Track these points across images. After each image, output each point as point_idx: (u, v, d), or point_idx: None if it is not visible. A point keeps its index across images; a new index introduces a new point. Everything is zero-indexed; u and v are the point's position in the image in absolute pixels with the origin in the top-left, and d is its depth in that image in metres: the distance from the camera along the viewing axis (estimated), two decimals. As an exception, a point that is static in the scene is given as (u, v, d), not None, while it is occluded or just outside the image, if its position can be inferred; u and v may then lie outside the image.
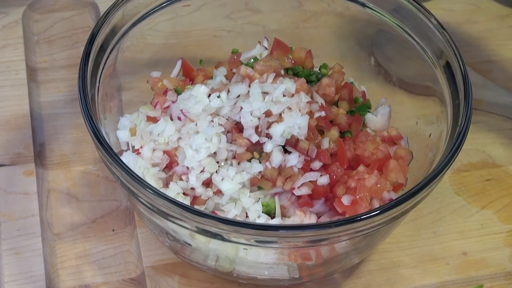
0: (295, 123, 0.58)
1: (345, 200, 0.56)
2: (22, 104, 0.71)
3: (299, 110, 0.59)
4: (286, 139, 0.58)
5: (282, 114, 0.59)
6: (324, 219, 0.58)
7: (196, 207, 0.57)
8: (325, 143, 0.59)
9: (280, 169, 0.58)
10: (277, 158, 0.57)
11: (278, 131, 0.58)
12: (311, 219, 0.58)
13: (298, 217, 0.58)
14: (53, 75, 0.74)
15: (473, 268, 0.63)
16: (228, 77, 0.64)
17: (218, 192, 0.58)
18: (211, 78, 0.65)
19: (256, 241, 0.50)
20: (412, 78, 0.65)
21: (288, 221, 0.58)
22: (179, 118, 0.61)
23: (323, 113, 0.59)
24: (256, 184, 0.58)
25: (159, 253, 0.62)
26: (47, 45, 0.77)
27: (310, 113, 0.59)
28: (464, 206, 0.67)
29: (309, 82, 0.63)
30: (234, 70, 0.64)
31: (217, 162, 0.58)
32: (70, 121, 0.70)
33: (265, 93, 0.60)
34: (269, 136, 0.58)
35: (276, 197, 0.58)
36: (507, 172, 0.70)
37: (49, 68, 0.75)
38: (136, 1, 0.61)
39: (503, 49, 0.81)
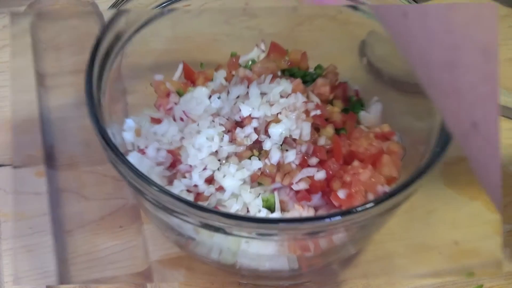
0: (293, 126, 0.58)
1: (341, 194, 0.57)
2: (32, 108, 0.71)
3: (296, 110, 0.60)
4: (284, 137, 0.59)
5: (280, 115, 0.59)
6: (322, 212, 0.59)
7: (199, 203, 0.58)
8: (321, 140, 0.60)
9: (279, 166, 0.58)
10: (275, 155, 0.58)
11: (277, 132, 0.58)
12: (309, 213, 0.58)
13: (297, 211, 0.58)
14: (61, 81, 0.74)
15: (465, 257, 0.63)
16: (228, 79, 0.65)
17: (220, 189, 0.58)
18: (212, 80, 0.66)
19: (257, 234, 0.50)
20: (403, 76, 0.64)
21: (288, 215, 0.58)
22: (181, 119, 0.62)
23: (318, 112, 0.60)
24: (256, 180, 0.59)
25: (165, 248, 0.62)
26: (55, 52, 0.76)
27: (306, 112, 0.60)
28: (455, 198, 0.67)
29: (304, 82, 0.64)
30: (233, 72, 0.65)
31: (219, 160, 0.59)
32: (78, 124, 0.70)
33: (263, 94, 0.61)
34: (267, 134, 0.59)
35: (276, 192, 0.59)
36: (507, 172, 0.69)
37: (57, 74, 0.74)
38: (139, 9, 0.61)
39: (503, 49, 0.79)
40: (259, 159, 0.59)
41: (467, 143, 0.32)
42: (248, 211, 0.58)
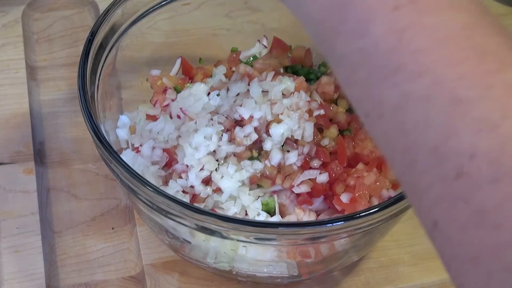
0: (295, 126, 0.58)
1: (344, 198, 0.56)
2: (21, 102, 0.71)
3: (299, 109, 0.59)
4: (286, 137, 0.58)
5: (281, 114, 0.59)
6: (324, 217, 0.58)
7: (195, 204, 0.57)
8: (325, 141, 0.59)
9: (280, 167, 0.58)
10: (276, 156, 0.58)
11: (278, 132, 0.58)
12: (310, 217, 0.58)
13: (298, 215, 0.57)
14: (52, 74, 0.74)
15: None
16: (228, 75, 0.64)
17: (218, 190, 0.58)
18: (211, 76, 0.66)
19: (256, 239, 0.50)
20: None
21: (288, 219, 0.58)
22: (178, 117, 0.61)
23: (322, 111, 0.60)
24: (255, 182, 0.58)
25: (159, 251, 0.62)
26: (47, 43, 0.77)
27: (309, 111, 0.59)
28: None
29: (308, 80, 0.64)
30: (234, 69, 0.65)
31: (217, 160, 0.58)
32: (70, 120, 0.70)
33: (264, 92, 0.60)
34: (268, 134, 0.58)
35: (275, 195, 0.58)
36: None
37: (49, 67, 0.75)
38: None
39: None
40: (259, 160, 0.58)
41: (433, 241, 0.32)
42: (246, 214, 0.57)
